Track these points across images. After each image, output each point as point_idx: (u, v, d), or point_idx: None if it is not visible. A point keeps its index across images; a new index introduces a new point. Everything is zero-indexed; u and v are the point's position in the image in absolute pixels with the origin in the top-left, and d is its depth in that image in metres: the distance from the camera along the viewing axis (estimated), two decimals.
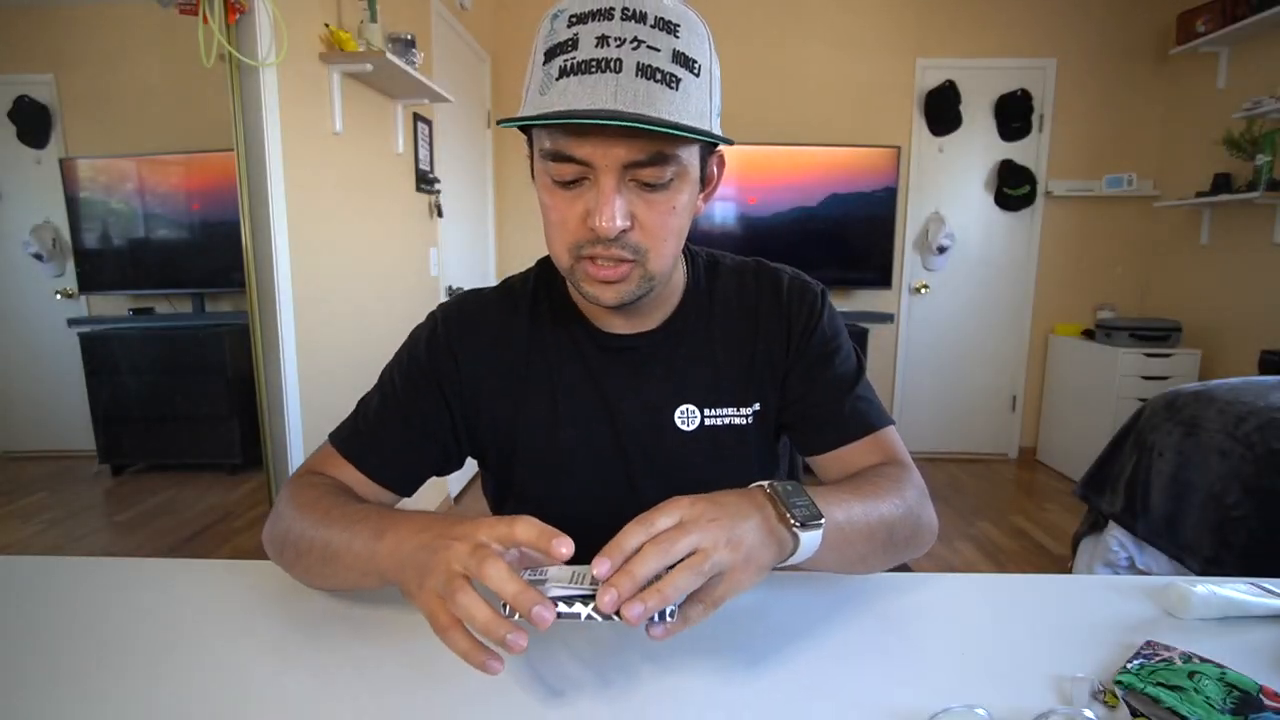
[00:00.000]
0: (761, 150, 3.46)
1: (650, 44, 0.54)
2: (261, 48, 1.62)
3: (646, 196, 0.59)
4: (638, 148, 0.55)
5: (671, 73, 0.55)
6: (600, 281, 0.61)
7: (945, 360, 3.83)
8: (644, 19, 0.54)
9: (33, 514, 1.86)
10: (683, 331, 0.74)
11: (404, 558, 0.51)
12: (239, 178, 1.65)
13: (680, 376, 0.73)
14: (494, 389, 0.73)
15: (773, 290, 0.76)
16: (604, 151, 0.55)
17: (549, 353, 0.74)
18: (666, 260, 0.63)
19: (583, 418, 0.73)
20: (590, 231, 0.58)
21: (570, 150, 0.56)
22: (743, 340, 0.74)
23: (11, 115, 1.73)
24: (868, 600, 0.64)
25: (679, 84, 0.55)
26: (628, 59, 0.53)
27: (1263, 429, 1.61)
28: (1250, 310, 3.04)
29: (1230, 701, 0.47)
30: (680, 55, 0.55)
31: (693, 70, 0.56)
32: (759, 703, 0.49)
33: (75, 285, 1.83)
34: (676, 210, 0.60)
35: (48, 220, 1.79)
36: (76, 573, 0.70)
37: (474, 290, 0.78)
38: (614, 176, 0.56)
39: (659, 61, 0.54)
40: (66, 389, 1.88)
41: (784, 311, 0.75)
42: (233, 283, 1.72)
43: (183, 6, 1.50)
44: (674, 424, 0.73)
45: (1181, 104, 3.45)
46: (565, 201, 0.59)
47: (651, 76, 0.54)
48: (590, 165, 0.56)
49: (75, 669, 0.54)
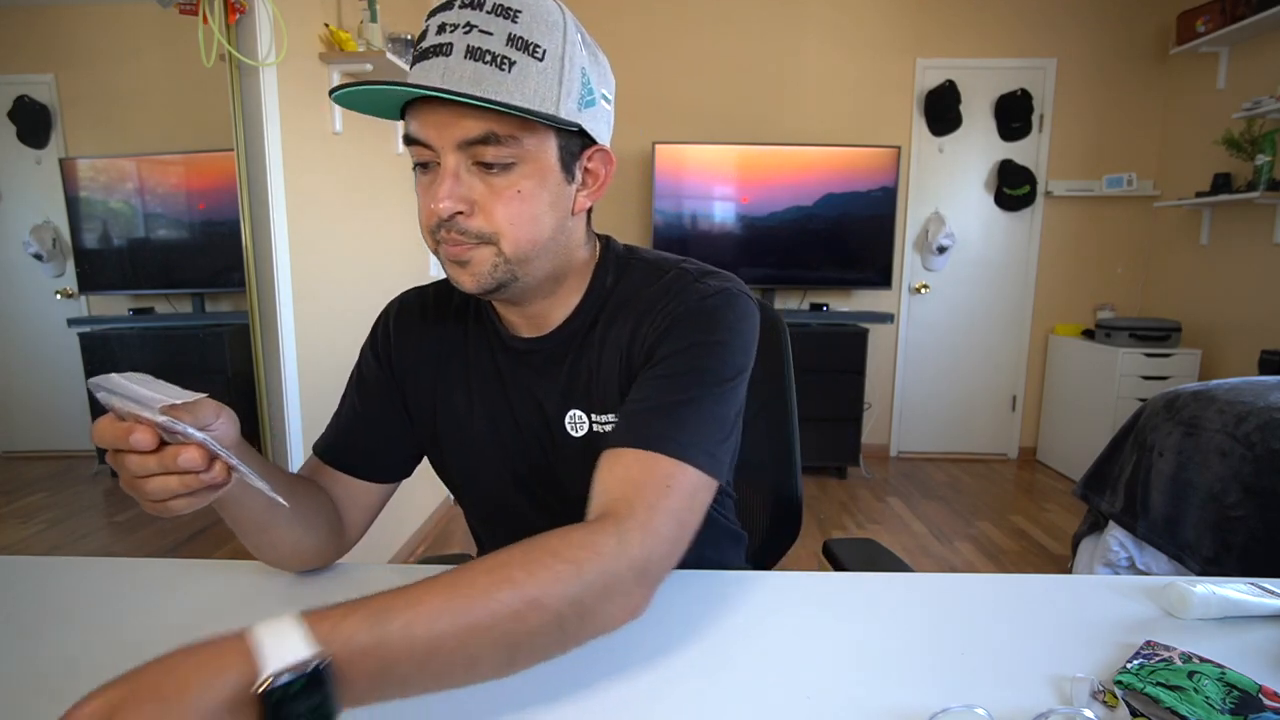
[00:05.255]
0: (761, 150, 3.46)
1: (483, 28, 0.56)
2: (261, 48, 1.62)
3: (488, 179, 0.59)
4: (467, 127, 0.57)
5: (505, 55, 0.56)
6: (454, 263, 0.62)
7: (945, 360, 3.83)
8: (480, 6, 0.57)
9: (33, 514, 1.86)
10: (575, 335, 0.71)
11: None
12: (239, 178, 1.65)
13: (570, 381, 0.71)
14: (420, 378, 0.76)
15: (662, 288, 0.68)
16: (439, 132, 0.58)
17: (469, 347, 0.75)
18: (523, 246, 0.61)
19: (491, 413, 0.74)
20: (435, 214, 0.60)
21: (415, 132, 0.59)
22: (625, 343, 0.68)
23: (11, 115, 1.73)
24: (868, 600, 0.64)
25: (512, 66, 0.56)
26: (458, 43, 0.56)
27: (1263, 429, 1.61)
28: (1250, 310, 3.04)
29: (1230, 701, 0.47)
30: (517, 39, 0.57)
31: (533, 54, 0.57)
32: (759, 703, 0.49)
33: (75, 285, 1.83)
34: (522, 195, 0.60)
35: (48, 220, 1.79)
36: (76, 573, 0.70)
37: (418, 286, 0.81)
38: (452, 156, 0.58)
39: (490, 44, 0.56)
40: (66, 389, 1.88)
41: (660, 307, 0.67)
42: (233, 283, 1.72)
43: (183, 6, 1.50)
44: (565, 430, 0.71)
45: (1181, 104, 3.45)
46: (424, 186, 0.61)
47: (480, 59, 0.56)
48: (433, 148, 0.59)
49: (75, 669, 0.53)
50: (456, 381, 0.75)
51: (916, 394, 3.86)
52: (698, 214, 3.53)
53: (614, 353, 0.69)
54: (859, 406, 3.39)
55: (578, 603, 0.47)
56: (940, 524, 2.93)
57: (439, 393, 0.76)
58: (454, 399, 0.75)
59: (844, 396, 3.32)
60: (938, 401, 3.86)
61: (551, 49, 0.58)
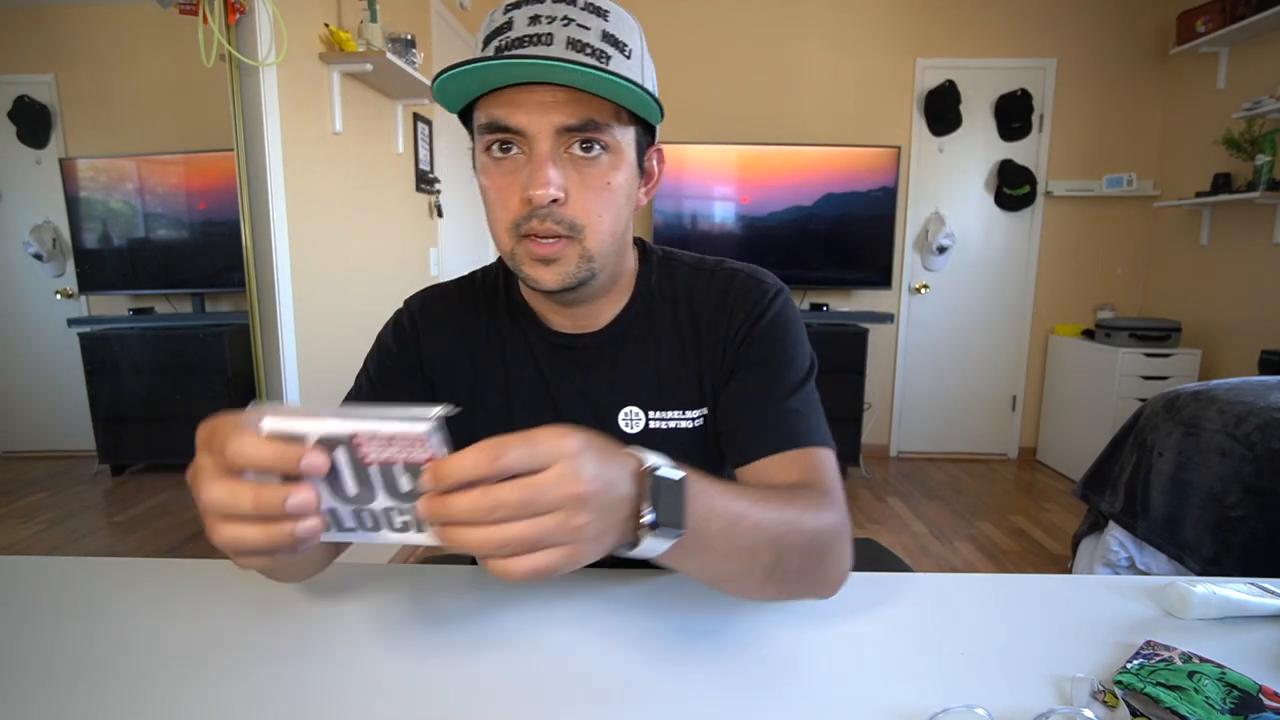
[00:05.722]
0: (760, 150, 3.46)
1: (580, 23, 0.57)
2: (261, 48, 1.62)
3: (581, 169, 0.59)
4: (570, 112, 0.57)
5: (601, 49, 0.57)
6: (538, 260, 0.61)
7: (945, 360, 3.83)
8: (574, 1, 0.57)
9: (33, 514, 1.86)
10: (628, 332, 0.72)
11: None
12: (239, 178, 1.65)
13: (624, 378, 0.72)
14: (453, 378, 0.75)
15: (721, 289, 0.72)
16: (537, 117, 0.57)
17: (504, 346, 0.74)
18: (604, 240, 0.62)
19: (533, 412, 0.73)
20: (527, 204, 0.59)
21: (505, 119, 0.57)
22: (688, 341, 0.72)
23: (11, 115, 1.73)
24: (868, 600, 0.64)
25: (609, 60, 0.57)
26: (558, 34, 0.56)
27: (1263, 429, 1.61)
28: (1250, 310, 3.04)
29: (1230, 702, 0.47)
30: (609, 36, 0.58)
31: (623, 52, 0.59)
32: (759, 703, 0.49)
33: (75, 285, 1.83)
34: (612, 187, 0.61)
35: (48, 220, 1.79)
36: (76, 573, 0.70)
37: (439, 284, 0.80)
38: (548, 143, 0.57)
39: (589, 38, 0.57)
40: (66, 389, 1.88)
41: (728, 311, 0.71)
42: (233, 283, 1.72)
43: (183, 6, 1.50)
44: (618, 426, 0.72)
45: (1181, 104, 3.45)
46: (503, 178, 0.60)
47: (581, 50, 0.56)
48: (524, 134, 0.57)
49: (75, 669, 0.54)
50: (494, 381, 0.74)
51: (916, 394, 3.86)
52: (698, 214, 3.53)
53: (676, 352, 0.72)
54: (859, 406, 3.39)
55: (819, 539, 0.56)
56: (940, 524, 2.93)
57: (476, 392, 0.74)
58: (491, 399, 0.74)
59: (844, 396, 3.32)
60: (938, 401, 3.86)
61: (635, 49, 0.60)
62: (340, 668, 0.54)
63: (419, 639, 0.57)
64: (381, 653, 0.55)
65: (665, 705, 0.49)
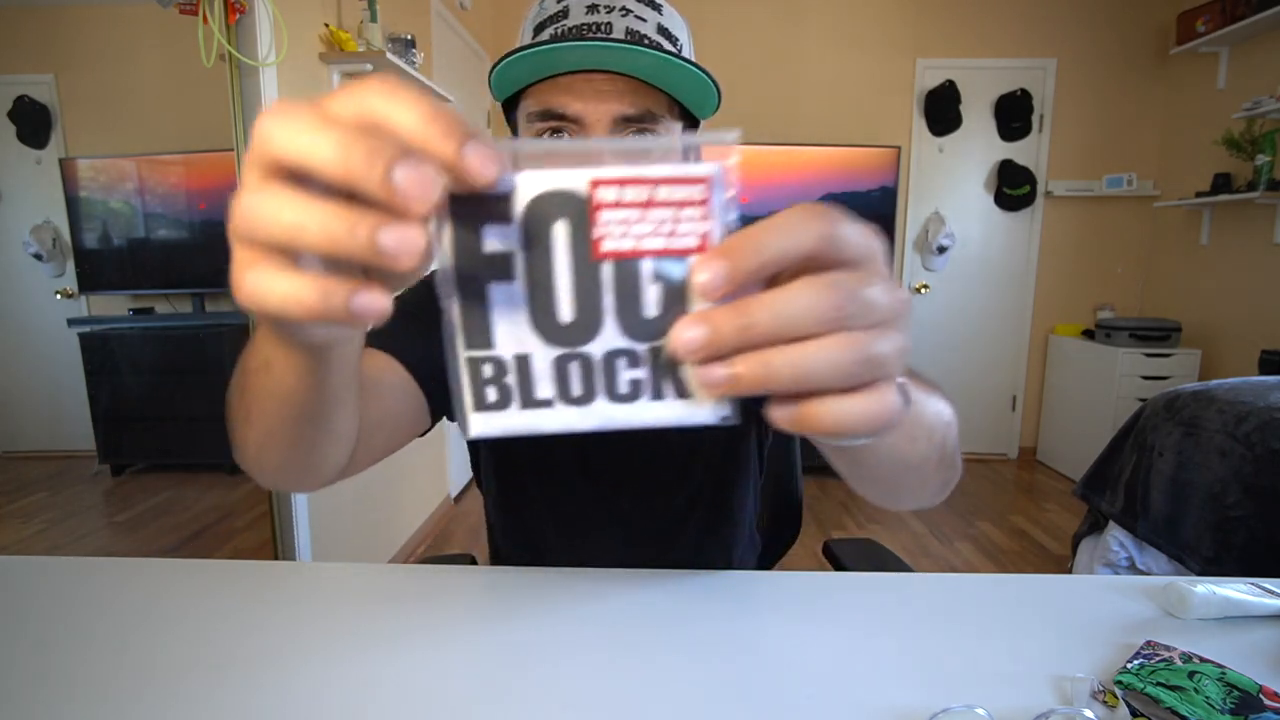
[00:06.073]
0: (760, 150, 3.46)
1: (637, 14, 0.57)
2: (261, 48, 1.62)
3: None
4: (630, 102, 0.56)
5: (657, 42, 0.57)
6: None
7: (945, 360, 3.83)
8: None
9: (33, 514, 1.86)
10: None
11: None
12: (239, 178, 1.65)
13: None
14: None
15: None
16: (595, 105, 0.56)
17: None
18: None
19: None
20: None
21: (562, 106, 0.56)
22: None
23: (11, 115, 1.73)
24: (868, 600, 0.64)
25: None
26: (617, 23, 0.56)
27: (1263, 429, 1.61)
28: (1250, 310, 3.04)
29: (1230, 702, 0.47)
30: (664, 29, 0.58)
31: (675, 45, 0.59)
32: (759, 702, 0.49)
33: (75, 285, 1.83)
34: None
35: (48, 220, 1.79)
36: (76, 573, 0.70)
37: None
38: (604, 132, 0.57)
39: (646, 29, 0.57)
40: (66, 389, 1.88)
41: None
42: None
43: (183, 6, 1.50)
44: None
45: (1181, 104, 3.45)
46: None
47: (639, 41, 0.56)
48: (580, 122, 0.57)
49: (75, 669, 0.53)
50: None
51: None
52: None
53: None
54: None
55: (956, 450, 0.50)
56: (940, 524, 2.93)
57: None
58: None
59: None
60: None
61: (685, 42, 0.61)
62: (341, 668, 0.54)
63: (419, 639, 0.57)
64: (382, 653, 0.55)
65: (665, 705, 0.49)
